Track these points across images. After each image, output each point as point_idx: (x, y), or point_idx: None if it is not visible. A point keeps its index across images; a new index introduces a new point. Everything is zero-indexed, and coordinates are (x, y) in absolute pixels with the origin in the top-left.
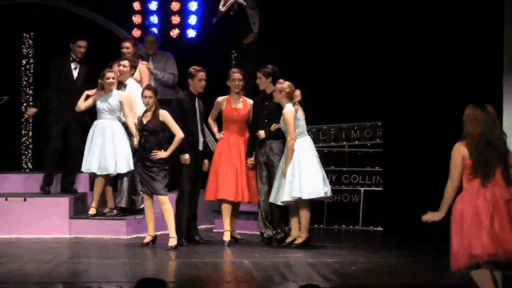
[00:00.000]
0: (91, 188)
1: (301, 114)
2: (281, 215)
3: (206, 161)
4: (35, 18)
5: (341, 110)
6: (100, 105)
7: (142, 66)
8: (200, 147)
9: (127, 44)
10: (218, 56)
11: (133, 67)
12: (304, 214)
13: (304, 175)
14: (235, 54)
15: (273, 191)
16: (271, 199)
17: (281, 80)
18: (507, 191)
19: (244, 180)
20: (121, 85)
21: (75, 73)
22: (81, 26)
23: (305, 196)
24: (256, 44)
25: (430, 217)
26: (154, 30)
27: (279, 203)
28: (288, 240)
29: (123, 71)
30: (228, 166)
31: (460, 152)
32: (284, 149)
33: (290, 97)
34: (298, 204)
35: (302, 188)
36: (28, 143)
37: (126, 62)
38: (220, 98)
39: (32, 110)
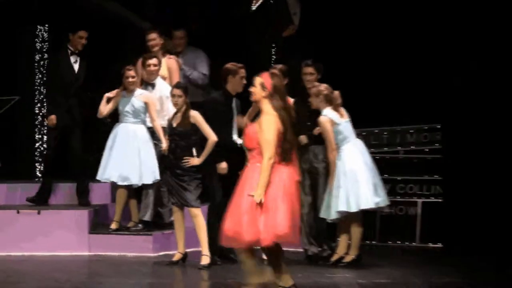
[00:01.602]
0: (114, 199)
1: (341, 117)
2: (328, 230)
3: None
4: (50, 9)
5: (395, 111)
6: (122, 107)
7: (171, 60)
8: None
9: (153, 35)
10: (254, 50)
11: (160, 63)
12: (355, 229)
13: (351, 186)
14: (275, 48)
15: (322, 205)
16: (321, 214)
17: (315, 83)
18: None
19: None
20: (148, 85)
21: (76, 67)
22: (99, 17)
23: (353, 209)
24: (296, 38)
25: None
26: None
27: (329, 220)
28: (334, 258)
29: (153, 71)
30: None
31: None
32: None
33: (328, 100)
34: (348, 218)
35: (349, 201)
36: (42, 148)
37: (155, 61)
38: None
39: (52, 117)
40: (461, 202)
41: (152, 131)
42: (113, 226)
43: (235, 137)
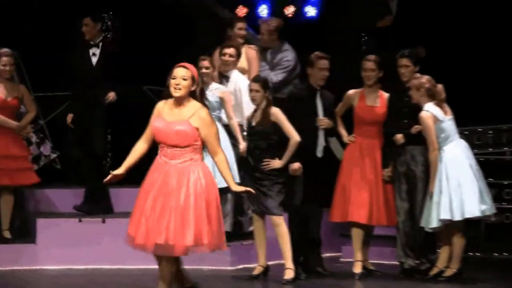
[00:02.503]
0: None
1: (445, 114)
2: (427, 240)
3: None
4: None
5: (501, 107)
6: None
7: (250, 50)
8: (319, 154)
9: (242, 24)
10: (345, 40)
11: (239, 55)
12: (457, 240)
13: (454, 191)
14: (366, 38)
15: (423, 214)
16: (422, 223)
17: (417, 75)
18: None
19: (381, 197)
20: (222, 77)
21: (94, 60)
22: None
23: (457, 217)
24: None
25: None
26: (264, 8)
27: (428, 229)
28: (433, 271)
29: (229, 62)
30: (360, 179)
31: None
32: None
33: (431, 95)
34: (449, 227)
35: (453, 208)
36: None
37: (232, 50)
38: (351, 92)
39: (69, 116)
40: None
41: (229, 130)
42: None
43: (321, 140)
